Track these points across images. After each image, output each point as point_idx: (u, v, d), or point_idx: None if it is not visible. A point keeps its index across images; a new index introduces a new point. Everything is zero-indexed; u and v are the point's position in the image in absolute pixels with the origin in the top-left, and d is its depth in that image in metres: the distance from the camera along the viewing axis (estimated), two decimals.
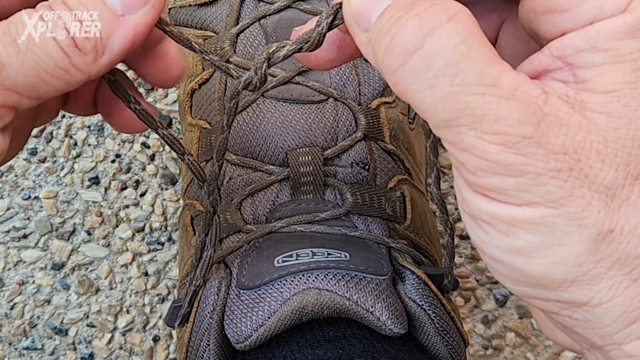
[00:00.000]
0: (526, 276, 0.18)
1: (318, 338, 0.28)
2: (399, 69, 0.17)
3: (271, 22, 0.34)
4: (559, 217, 0.17)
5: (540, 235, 0.17)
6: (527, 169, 0.17)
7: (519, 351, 0.51)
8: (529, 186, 0.17)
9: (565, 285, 0.18)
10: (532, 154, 0.16)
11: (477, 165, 0.17)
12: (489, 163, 0.17)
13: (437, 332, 0.29)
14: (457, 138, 0.17)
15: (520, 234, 0.17)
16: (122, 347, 0.50)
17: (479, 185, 0.17)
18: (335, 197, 0.32)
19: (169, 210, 0.49)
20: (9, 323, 0.49)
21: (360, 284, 0.28)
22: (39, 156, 0.48)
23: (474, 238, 0.19)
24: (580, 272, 0.17)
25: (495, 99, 0.16)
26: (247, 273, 0.29)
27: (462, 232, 0.50)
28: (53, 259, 0.49)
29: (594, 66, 0.17)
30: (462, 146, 0.17)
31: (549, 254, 0.17)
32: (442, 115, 0.17)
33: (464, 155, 0.17)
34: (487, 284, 0.51)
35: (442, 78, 0.16)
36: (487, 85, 0.16)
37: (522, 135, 0.16)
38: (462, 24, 0.17)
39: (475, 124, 0.16)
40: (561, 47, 0.18)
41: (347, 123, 0.33)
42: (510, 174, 0.17)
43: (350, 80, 0.34)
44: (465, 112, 0.16)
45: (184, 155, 0.25)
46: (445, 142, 0.18)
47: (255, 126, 0.33)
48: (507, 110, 0.16)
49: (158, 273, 0.50)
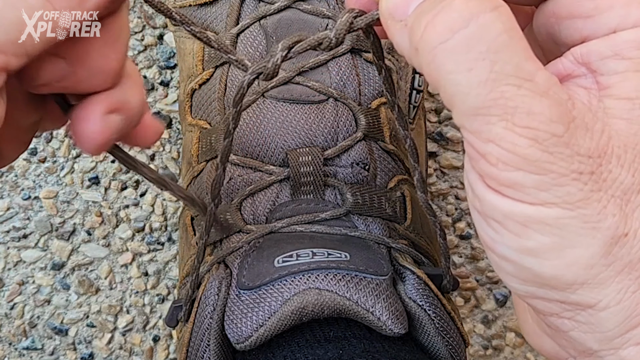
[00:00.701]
0: (536, 276, 0.18)
1: (318, 338, 0.28)
2: (438, 45, 0.17)
3: (271, 22, 0.34)
4: (574, 219, 0.17)
5: (553, 237, 0.17)
6: (551, 167, 0.16)
7: (519, 351, 0.51)
8: (550, 185, 0.17)
9: (575, 287, 0.18)
10: (559, 153, 0.16)
11: (501, 158, 0.17)
12: (514, 156, 0.16)
13: (437, 332, 0.29)
14: (484, 127, 0.17)
15: (532, 235, 0.17)
16: (122, 347, 0.50)
17: (498, 179, 0.17)
18: (335, 197, 0.32)
19: (169, 210, 0.49)
20: (9, 323, 0.49)
21: (361, 284, 0.28)
22: (39, 156, 0.48)
23: (484, 236, 0.19)
24: (590, 274, 0.17)
25: (530, 93, 0.16)
26: (248, 273, 0.29)
27: (462, 232, 0.50)
28: (53, 259, 0.49)
29: (617, 73, 0.17)
30: (489, 137, 0.17)
31: (561, 256, 0.17)
32: (474, 102, 0.16)
33: (488, 146, 0.17)
34: (487, 284, 0.51)
35: (482, 62, 0.16)
36: (524, 79, 0.16)
37: (552, 133, 0.16)
38: (505, 16, 0.17)
39: (507, 115, 0.16)
40: (585, 53, 0.18)
41: (347, 123, 0.33)
42: (534, 171, 0.17)
43: (350, 80, 0.34)
44: (498, 101, 0.16)
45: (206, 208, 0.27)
46: (467, 131, 0.17)
47: (255, 126, 0.33)
48: (541, 106, 0.16)
49: (158, 273, 0.50)
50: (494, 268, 0.19)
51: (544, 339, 0.21)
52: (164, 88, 0.49)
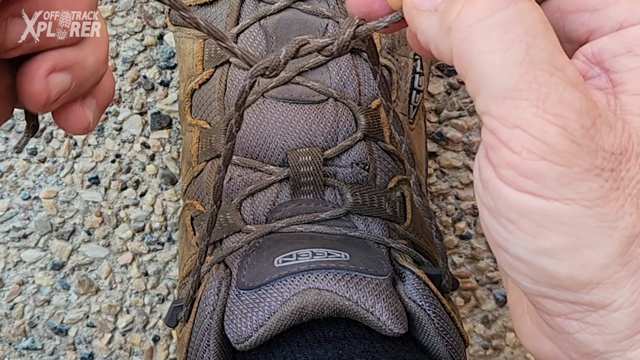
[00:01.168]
0: (550, 277, 0.18)
1: (318, 338, 0.28)
2: (475, 23, 0.16)
3: (271, 22, 0.34)
4: (591, 218, 0.17)
5: (570, 237, 0.17)
6: (576, 160, 0.16)
7: (519, 351, 0.51)
8: (572, 180, 0.16)
9: (589, 287, 0.17)
10: (586, 146, 0.16)
11: (526, 145, 0.16)
12: (542, 144, 0.16)
13: (437, 332, 0.29)
14: (512, 112, 0.16)
15: (548, 235, 0.17)
16: (122, 347, 0.50)
17: (520, 168, 0.16)
18: (335, 197, 0.32)
19: (169, 210, 0.49)
20: (9, 323, 0.49)
21: (360, 284, 0.28)
22: (39, 156, 0.48)
23: (495, 236, 0.18)
24: (606, 274, 0.17)
25: (562, 82, 0.16)
26: (247, 273, 0.29)
27: (462, 232, 0.50)
28: (53, 259, 0.49)
29: (630, 70, 0.17)
30: (516, 122, 0.16)
31: (577, 256, 0.17)
32: (507, 83, 0.16)
33: (514, 132, 0.16)
34: (487, 284, 0.51)
35: (519, 44, 0.16)
36: (557, 68, 0.16)
37: (581, 124, 0.16)
38: (539, 9, 0.17)
39: (539, 101, 0.16)
40: (597, 52, 0.18)
41: (347, 123, 0.33)
42: (559, 162, 0.16)
43: (350, 80, 0.34)
44: (531, 85, 0.16)
45: None
46: (490, 117, 0.17)
47: (255, 126, 0.33)
48: (572, 96, 0.16)
49: (158, 273, 0.50)
50: (504, 266, 0.19)
51: (543, 341, 0.21)
52: (164, 88, 0.49)
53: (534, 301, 0.19)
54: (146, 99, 0.48)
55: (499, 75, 0.16)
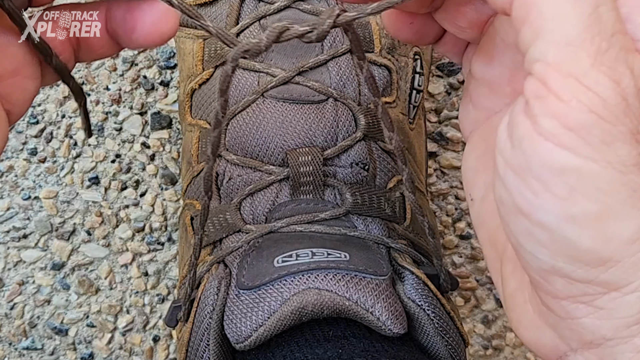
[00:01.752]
0: (571, 248, 0.17)
1: (318, 338, 0.28)
2: None
3: (271, 22, 0.34)
4: (624, 186, 0.16)
5: (599, 205, 0.16)
6: (624, 120, 0.16)
7: (519, 351, 0.51)
8: (614, 139, 0.16)
9: (609, 264, 0.17)
10: (635, 107, 0.16)
11: (577, 95, 0.16)
12: (593, 96, 0.16)
13: (436, 332, 0.29)
14: (569, 60, 0.16)
15: (578, 200, 0.16)
16: (122, 347, 0.50)
17: (566, 118, 0.16)
18: (334, 197, 0.32)
19: (169, 210, 0.49)
20: (9, 323, 0.49)
21: (360, 284, 0.28)
22: (39, 156, 0.48)
23: (519, 201, 0.18)
24: (628, 252, 0.17)
25: (620, 43, 0.16)
26: (247, 273, 0.29)
27: (462, 232, 0.50)
28: (53, 259, 0.49)
29: None
30: (571, 70, 0.16)
31: (603, 227, 0.17)
32: (571, 32, 0.16)
33: (567, 80, 0.16)
34: (487, 284, 0.51)
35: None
36: (618, 30, 0.17)
37: (635, 84, 0.16)
38: None
39: (598, 54, 0.16)
40: None
41: (347, 123, 0.33)
42: (606, 117, 0.16)
43: (350, 80, 0.34)
44: (594, 38, 0.16)
45: None
46: (543, 65, 0.17)
47: (255, 126, 0.33)
48: (628, 57, 0.16)
49: (158, 273, 0.50)
50: (519, 238, 0.18)
51: (543, 331, 0.20)
52: (164, 88, 0.49)
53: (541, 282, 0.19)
54: (146, 99, 0.48)
55: (565, 22, 0.16)
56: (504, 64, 0.22)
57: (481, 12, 0.22)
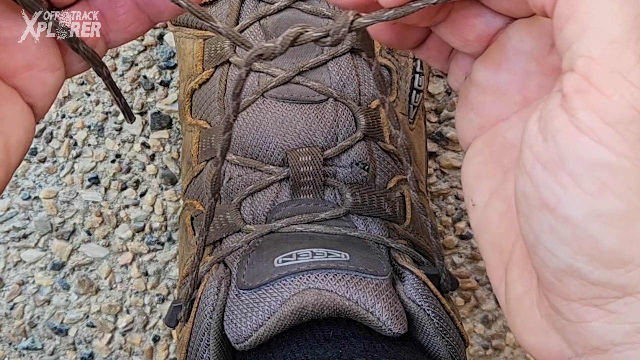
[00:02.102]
0: (594, 247, 0.17)
1: (318, 338, 0.28)
2: None
3: (271, 22, 0.34)
4: None
5: (628, 204, 0.16)
6: None
7: (519, 351, 0.51)
8: None
9: (629, 267, 0.17)
10: None
11: (620, 90, 0.16)
12: (637, 91, 0.16)
13: (436, 332, 0.29)
14: (615, 56, 0.16)
15: (608, 197, 0.16)
16: (122, 347, 0.50)
17: (606, 112, 0.16)
18: (335, 197, 0.32)
19: (169, 210, 0.49)
20: (9, 323, 0.49)
21: (360, 284, 0.28)
22: (39, 156, 0.48)
23: (546, 195, 0.17)
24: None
25: None
26: (247, 273, 0.29)
27: (462, 232, 0.50)
28: (53, 259, 0.49)
29: None
30: (616, 66, 0.16)
31: (628, 227, 0.16)
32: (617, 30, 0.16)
33: (611, 75, 0.16)
34: (487, 284, 0.51)
35: (636, 2, 0.17)
36: None
37: None
38: None
39: None
40: None
41: (347, 123, 0.33)
42: None
43: (350, 80, 0.34)
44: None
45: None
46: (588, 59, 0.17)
47: (255, 126, 0.33)
48: None
49: (158, 273, 0.50)
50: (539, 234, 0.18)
51: (550, 335, 0.20)
52: (164, 88, 0.49)
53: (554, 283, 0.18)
54: (146, 99, 0.48)
55: (612, 21, 0.17)
56: (513, 71, 0.22)
57: (491, 25, 0.22)
